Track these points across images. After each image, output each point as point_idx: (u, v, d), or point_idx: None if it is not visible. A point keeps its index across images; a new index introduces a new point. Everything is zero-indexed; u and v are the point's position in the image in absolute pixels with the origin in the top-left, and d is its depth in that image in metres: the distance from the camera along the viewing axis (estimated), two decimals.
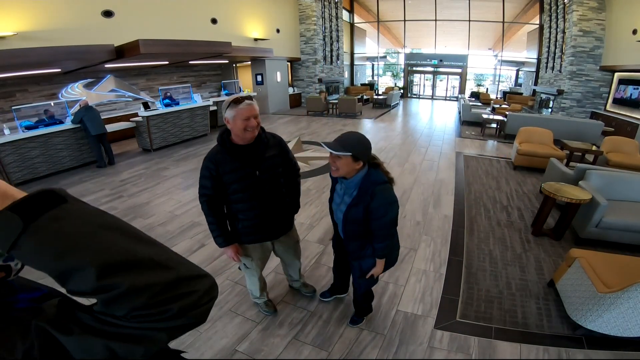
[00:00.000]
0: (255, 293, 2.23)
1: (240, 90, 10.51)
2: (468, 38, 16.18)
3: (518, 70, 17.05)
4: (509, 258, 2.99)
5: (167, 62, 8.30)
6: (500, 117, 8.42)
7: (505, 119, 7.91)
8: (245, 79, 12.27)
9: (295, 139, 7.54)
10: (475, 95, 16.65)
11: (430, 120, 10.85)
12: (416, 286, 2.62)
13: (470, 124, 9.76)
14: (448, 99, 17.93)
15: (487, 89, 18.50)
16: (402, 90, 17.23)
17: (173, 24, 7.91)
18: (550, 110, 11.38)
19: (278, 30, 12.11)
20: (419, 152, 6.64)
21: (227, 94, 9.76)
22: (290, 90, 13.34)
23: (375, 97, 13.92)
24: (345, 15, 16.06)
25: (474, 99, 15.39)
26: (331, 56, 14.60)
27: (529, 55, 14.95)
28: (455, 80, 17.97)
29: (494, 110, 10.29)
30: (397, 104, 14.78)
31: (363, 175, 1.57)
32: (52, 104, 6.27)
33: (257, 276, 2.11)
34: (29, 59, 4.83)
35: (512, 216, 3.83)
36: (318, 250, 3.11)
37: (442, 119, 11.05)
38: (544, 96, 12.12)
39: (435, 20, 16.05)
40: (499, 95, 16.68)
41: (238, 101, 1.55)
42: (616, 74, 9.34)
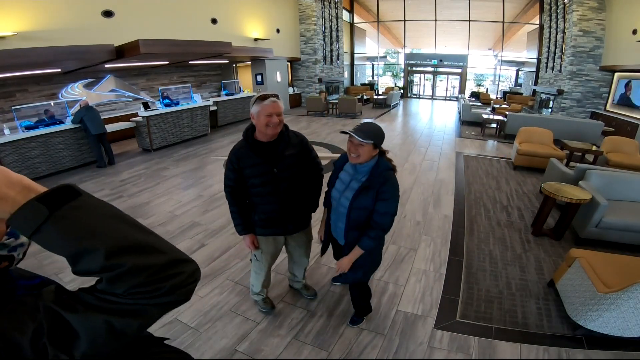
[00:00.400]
0: (256, 289, 2.25)
1: (240, 91, 10.50)
2: (468, 38, 16.17)
3: (518, 70, 17.05)
4: (509, 258, 2.99)
5: (167, 62, 8.30)
6: (500, 117, 8.42)
7: (505, 119, 7.91)
8: (245, 79, 12.27)
9: None
10: (475, 95, 16.65)
11: (430, 120, 10.85)
12: (416, 286, 2.62)
13: (470, 124, 9.76)
14: (448, 99, 17.92)
15: (487, 89, 18.49)
16: (402, 90, 17.23)
17: (173, 24, 7.91)
18: (550, 110, 11.38)
19: (278, 30, 12.11)
20: (419, 152, 6.64)
21: (227, 94, 9.76)
22: (290, 90, 13.34)
23: (375, 97, 13.92)
24: (345, 15, 16.05)
25: (474, 99, 15.38)
26: (331, 56, 14.60)
27: (529, 55, 14.95)
28: (455, 80, 17.96)
29: (494, 110, 10.29)
30: (397, 104, 14.78)
31: (375, 162, 1.66)
32: (52, 104, 6.26)
33: (265, 271, 2.13)
34: (29, 59, 4.83)
35: (512, 216, 3.83)
36: (318, 250, 3.09)
37: (442, 119, 11.05)
38: (544, 96, 12.12)
39: (435, 20, 16.04)
40: (499, 95, 16.68)
41: (264, 98, 1.62)
42: (616, 74, 9.34)
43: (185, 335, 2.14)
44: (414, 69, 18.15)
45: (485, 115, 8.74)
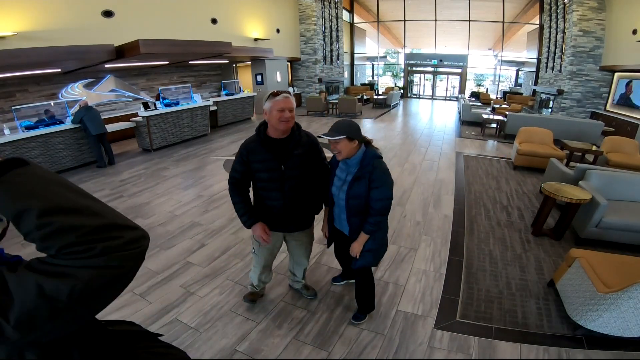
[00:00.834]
0: (254, 281, 2.30)
1: (240, 91, 10.51)
2: (468, 38, 16.17)
3: (518, 70, 17.05)
4: (509, 258, 2.99)
5: (167, 62, 8.30)
6: (500, 117, 8.42)
7: (505, 119, 7.91)
8: (245, 79, 12.27)
9: None
10: (475, 95, 16.64)
11: (430, 120, 10.85)
12: (416, 286, 2.62)
13: (470, 124, 9.76)
14: (448, 99, 17.92)
15: (487, 89, 18.49)
16: (402, 90, 17.23)
17: (173, 24, 7.91)
18: (550, 110, 11.38)
19: (278, 30, 12.11)
20: (419, 152, 6.64)
21: (227, 94, 9.77)
22: (290, 90, 13.34)
23: (375, 97, 13.92)
24: (345, 15, 16.06)
25: (474, 99, 15.38)
26: (331, 56, 14.60)
27: (529, 55, 14.95)
28: (455, 80, 17.96)
29: (494, 110, 10.29)
30: (397, 104, 14.78)
31: (362, 153, 1.77)
32: (52, 104, 6.27)
33: (262, 265, 2.16)
34: (29, 59, 4.83)
35: (512, 216, 3.83)
36: (318, 250, 3.11)
37: (442, 119, 11.05)
38: (544, 96, 12.12)
39: (435, 20, 16.05)
40: (499, 95, 16.67)
41: (276, 94, 1.69)
42: (616, 74, 9.34)
43: (185, 335, 2.14)
44: (414, 69, 18.15)
45: (485, 115, 8.74)
